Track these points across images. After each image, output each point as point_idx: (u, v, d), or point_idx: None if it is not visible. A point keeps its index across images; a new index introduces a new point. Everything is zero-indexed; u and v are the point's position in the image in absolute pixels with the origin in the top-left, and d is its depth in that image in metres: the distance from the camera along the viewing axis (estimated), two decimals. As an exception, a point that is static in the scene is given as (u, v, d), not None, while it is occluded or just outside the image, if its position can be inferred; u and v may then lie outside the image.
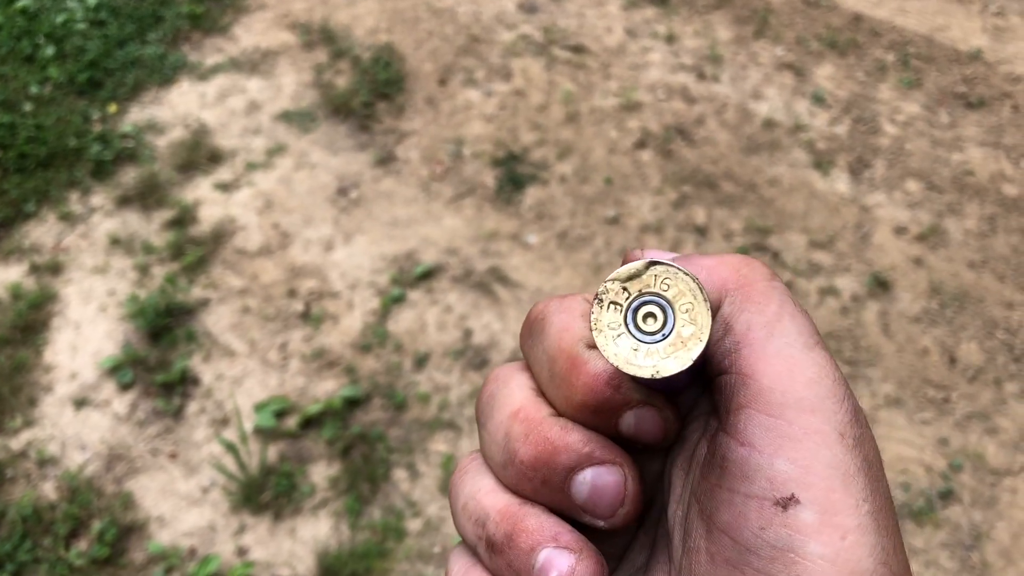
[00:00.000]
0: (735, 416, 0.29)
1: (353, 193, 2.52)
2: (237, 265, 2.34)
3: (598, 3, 3.15)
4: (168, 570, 1.82)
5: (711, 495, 0.29)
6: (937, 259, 2.39)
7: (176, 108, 2.76)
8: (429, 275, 2.31)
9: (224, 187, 2.52)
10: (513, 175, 2.57)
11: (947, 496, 1.94)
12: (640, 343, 0.29)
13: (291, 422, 2.04)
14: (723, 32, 3.04)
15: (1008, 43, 3.03)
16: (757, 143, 2.67)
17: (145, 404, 2.07)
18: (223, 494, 1.93)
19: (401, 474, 1.96)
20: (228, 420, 2.04)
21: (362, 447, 2.00)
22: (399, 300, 2.26)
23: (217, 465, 1.94)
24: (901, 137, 2.71)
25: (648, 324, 0.29)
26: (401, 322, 2.22)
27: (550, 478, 0.32)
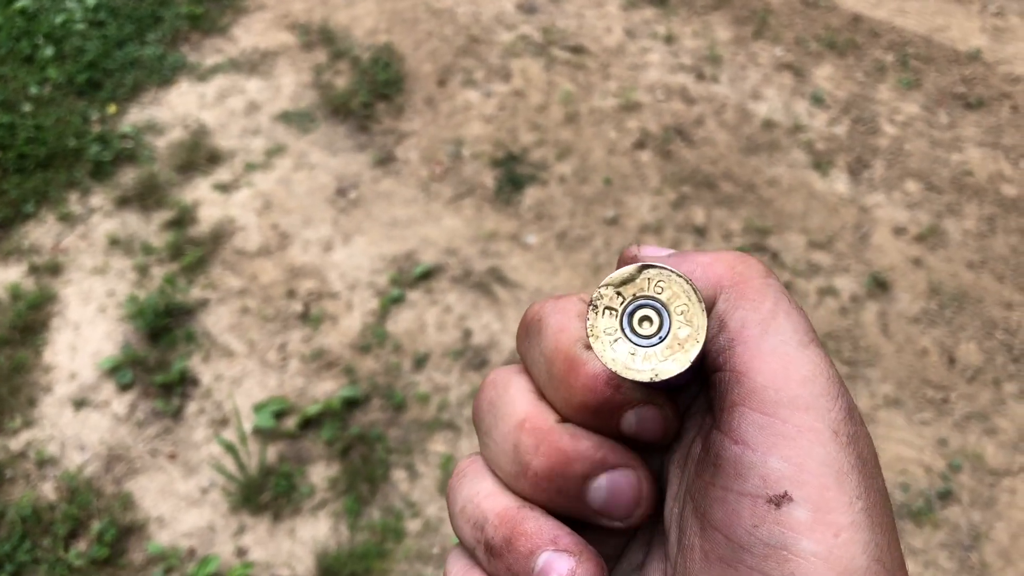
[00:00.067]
0: (729, 414, 0.29)
1: (352, 193, 2.52)
2: (236, 266, 2.34)
3: (597, 4, 3.15)
4: (167, 570, 1.82)
5: (705, 493, 0.29)
6: (936, 259, 2.39)
7: (175, 109, 2.76)
8: (428, 275, 2.31)
9: (223, 188, 2.52)
10: (512, 175, 2.57)
11: (946, 496, 1.94)
12: (637, 347, 0.29)
13: (290, 423, 2.04)
14: (722, 32, 3.04)
15: (1007, 43, 3.03)
16: (756, 143, 2.67)
17: (144, 405, 2.07)
18: (222, 495, 1.93)
19: (400, 475, 1.96)
20: (227, 421, 2.04)
21: (361, 448, 2.00)
22: (398, 300, 2.26)
23: (216, 466, 1.94)
24: (900, 137, 2.71)
25: (644, 328, 0.29)
26: (400, 322, 2.22)
27: (566, 487, 0.32)
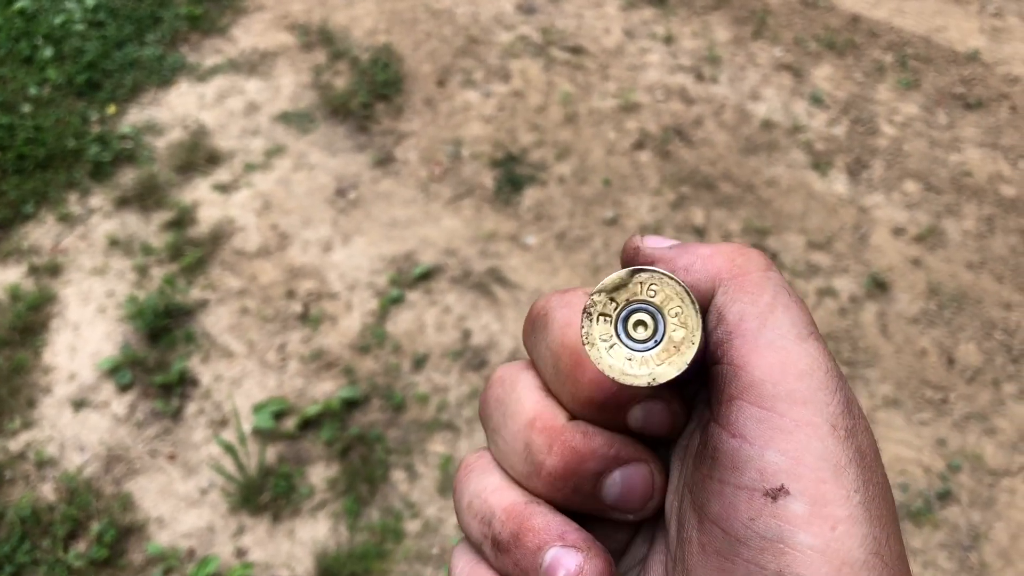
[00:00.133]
0: (727, 407, 0.29)
1: (352, 194, 2.52)
2: (236, 266, 2.34)
3: (596, 4, 3.15)
4: (167, 571, 1.82)
5: (702, 486, 0.29)
6: (935, 260, 2.39)
7: (175, 109, 2.76)
8: (428, 276, 2.31)
9: (223, 188, 2.52)
10: (512, 176, 2.57)
11: (945, 497, 1.94)
12: (633, 352, 0.29)
13: (290, 423, 2.04)
14: (721, 33, 3.05)
15: (1006, 44, 3.03)
16: (755, 144, 2.67)
17: (144, 405, 2.07)
18: (222, 495, 1.93)
19: (400, 475, 1.96)
20: (227, 421, 2.04)
21: (360, 448, 2.00)
22: (398, 301, 2.26)
23: (216, 466, 1.94)
24: (899, 138, 2.71)
25: (639, 332, 0.29)
26: (400, 323, 2.22)
27: (580, 485, 0.32)
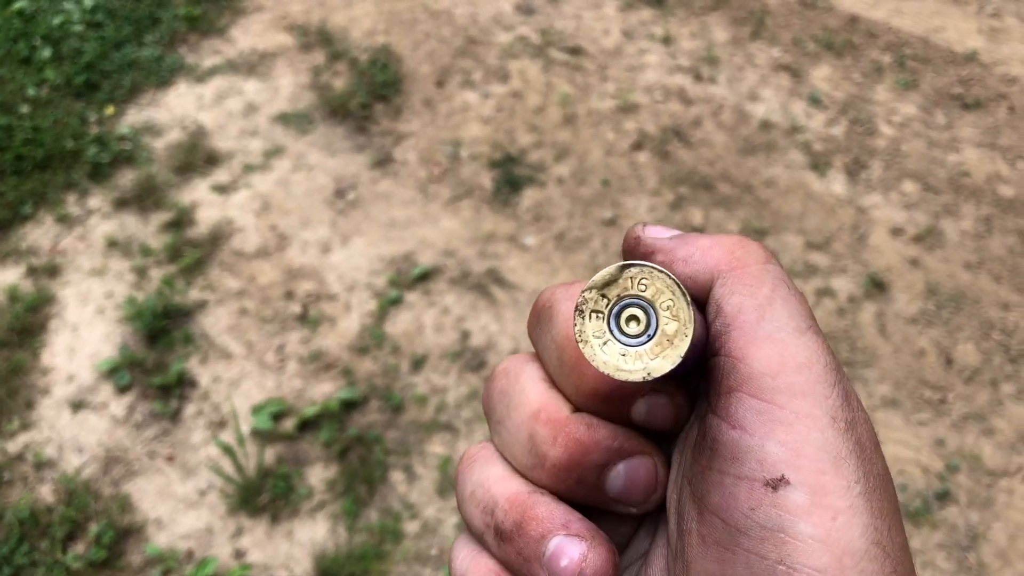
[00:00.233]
0: (726, 399, 0.29)
1: (350, 195, 2.52)
2: (234, 267, 2.34)
3: (595, 5, 3.15)
4: (165, 572, 1.82)
5: (702, 477, 0.29)
6: (933, 260, 2.39)
7: (173, 110, 2.76)
8: (426, 277, 2.31)
9: (221, 189, 2.52)
10: (510, 177, 2.57)
11: (944, 497, 1.94)
12: (627, 347, 0.28)
13: (288, 424, 2.04)
14: (720, 34, 3.05)
15: (1004, 44, 3.04)
16: (753, 144, 2.67)
17: (142, 406, 2.07)
18: (220, 496, 1.93)
19: (398, 476, 1.96)
20: (225, 422, 2.04)
21: (359, 449, 2.00)
22: (396, 302, 2.26)
23: (214, 467, 1.94)
24: (897, 138, 2.72)
25: (632, 327, 0.29)
26: (398, 324, 2.22)
27: (584, 476, 0.32)
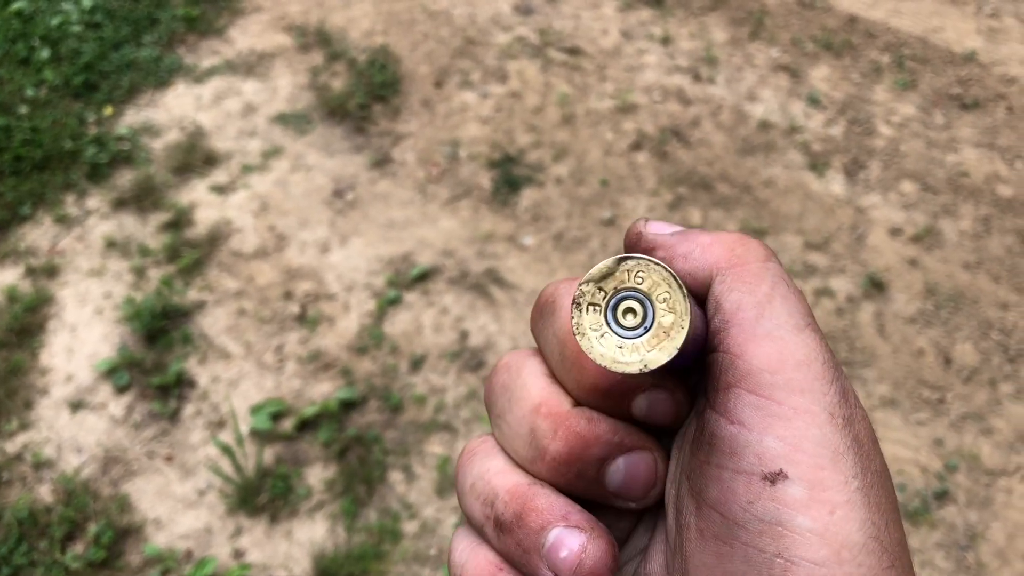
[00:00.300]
0: (724, 395, 0.29)
1: (349, 195, 2.52)
2: (233, 267, 2.34)
3: (594, 5, 3.15)
4: (164, 572, 1.82)
5: (700, 472, 0.29)
6: (932, 260, 2.39)
7: (172, 110, 2.76)
8: (425, 277, 2.31)
9: (220, 189, 2.52)
10: (509, 177, 2.57)
11: (942, 496, 1.94)
12: (624, 340, 0.29)
13: (287, 424, 2.04)
14: (718, 34, 3.05)
15: (1002, 44, 3.04)
16: (752, 145, 2.67)
17: (141, 407, 2.07)
18: (219, 496, 1.93)
19: (397, 476, 1.96)
20: (224, 422, 2.04)
21: (358, 449, 2.00)
22: (395, 302, 2.26)
23: (213, 467, 1.94)
24: (896, 138, 2.72)
25: (628, 320, 0.29)
26: (397, 324, 2.22)
27: (584, 470, 0.32)
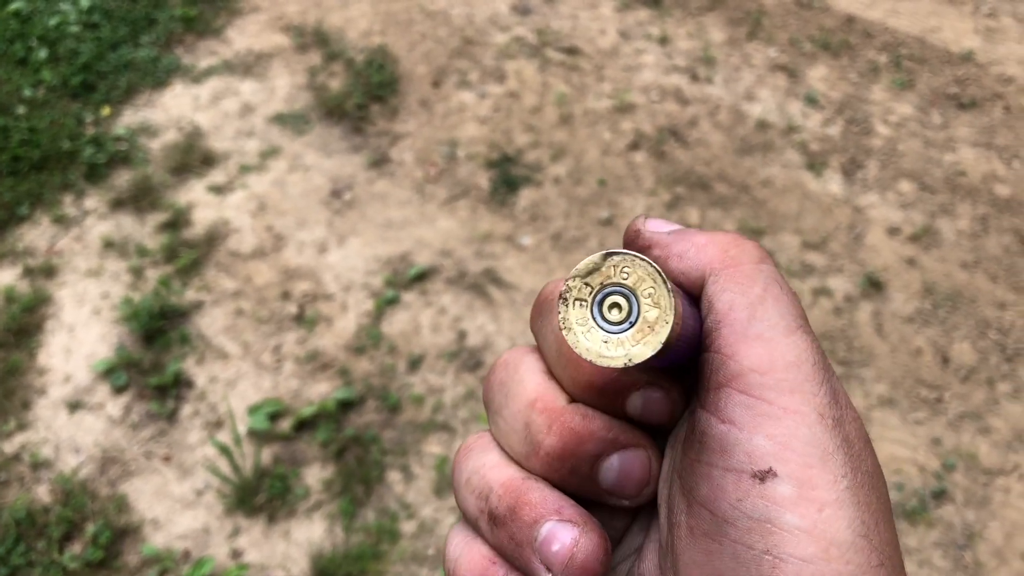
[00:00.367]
0: (715, 394, 0.29)
1: (347, 195, 2.52)
2: (231, 267, 2.34)
3: (591, 5, 3.15)
4: (162, 573, 1.82)
5: (691, 470, 0.30)
6: (930, 259, 2.39)
7: (169, 111, 2.76)
8: (423, 277, 2.31)
9: (218, 189, 2.52)
10: (507, 177, 2.57)
11: (940, 496, 1.95)
12: (609, 334, 0.29)
13: (285, 424, 2.04)
14: (716, 34, 3.05)
15: (1000, 44, 3.04)
16: (750, 144, 2.67)
17: (139, 407, 2.07)
18: (217, 497, 1.93)
19: (395, 476, 1.96)
20: (222, 423, 2.03)
21: (356, 449, 2.00)
22: (393, 302, 2.26)
23: (211, 468, 1.94)
24: (894, 138, 2.72)
25: (614, 314, 0.29)
26: (395, 324, 2.22)
27: (578, 466, 0.32)
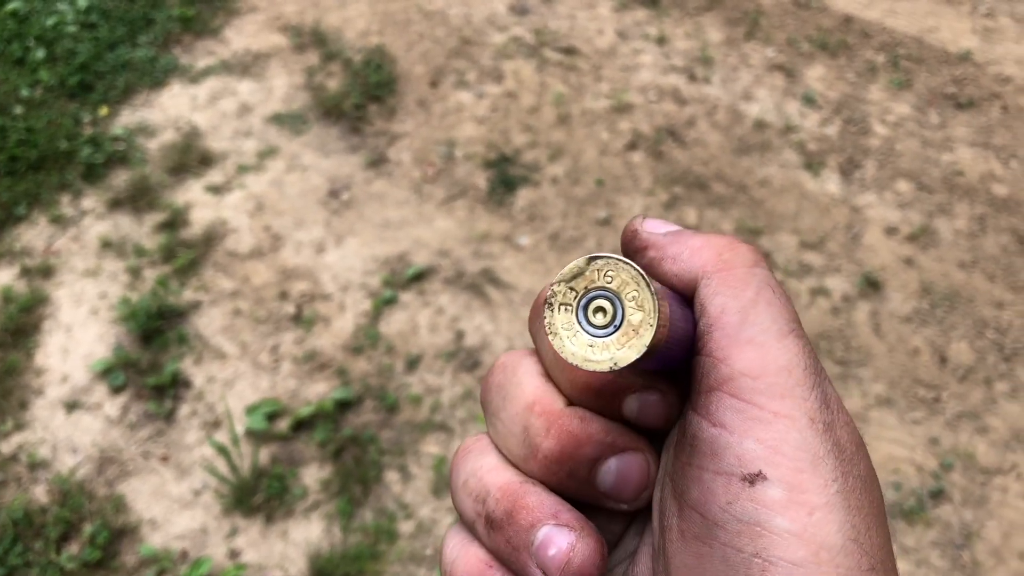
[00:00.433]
0: (707, 397, 0.29)
1: (344, 195, 2.52)
2: (228, 267, 2.34)
3: (589, 5, 3.15)
4: (160, 573, 1.82)
5: (682, 473, 0.30)
6: (927, 259, 2.40)
7: (167, 111, 2.76)
8: (421, 277, 2.31)
9: (215, 190, 2.52)
10: (505, 177, 2.57)
11: (938, 495, 1.95)
12: (595, 338, 0.29)
13: (283, 424, 2.03)
14: (714, 34, 3.05)
15: (997, 44, 3.04)
16: (748, 144, 2.68)
17: (136, 407, 2.07)
18: (215, 497, 1.93)
19: (393, 476, 1.96)
20: (220, 423, 2.03)
21: (354, 449, 2.00)
22: (391, 302, 2.26)
23: (209, 468, 1.94)
24: (891, 138, 2.72)
25: (598, 318, 0.29)
26: (393, 324, 2.22)
27: (576, 470, 0.32)
